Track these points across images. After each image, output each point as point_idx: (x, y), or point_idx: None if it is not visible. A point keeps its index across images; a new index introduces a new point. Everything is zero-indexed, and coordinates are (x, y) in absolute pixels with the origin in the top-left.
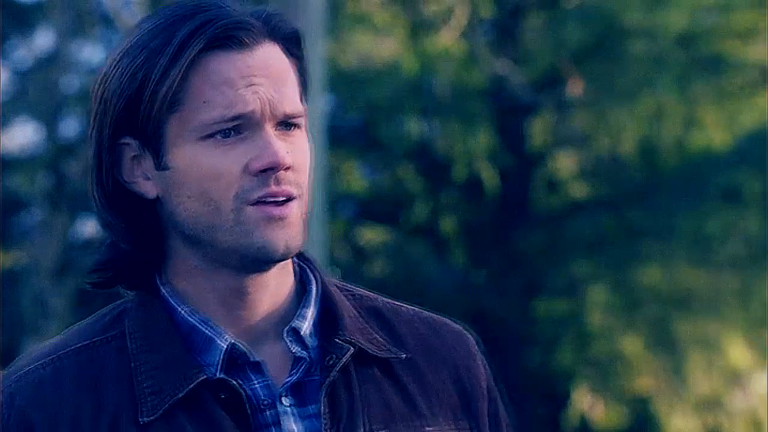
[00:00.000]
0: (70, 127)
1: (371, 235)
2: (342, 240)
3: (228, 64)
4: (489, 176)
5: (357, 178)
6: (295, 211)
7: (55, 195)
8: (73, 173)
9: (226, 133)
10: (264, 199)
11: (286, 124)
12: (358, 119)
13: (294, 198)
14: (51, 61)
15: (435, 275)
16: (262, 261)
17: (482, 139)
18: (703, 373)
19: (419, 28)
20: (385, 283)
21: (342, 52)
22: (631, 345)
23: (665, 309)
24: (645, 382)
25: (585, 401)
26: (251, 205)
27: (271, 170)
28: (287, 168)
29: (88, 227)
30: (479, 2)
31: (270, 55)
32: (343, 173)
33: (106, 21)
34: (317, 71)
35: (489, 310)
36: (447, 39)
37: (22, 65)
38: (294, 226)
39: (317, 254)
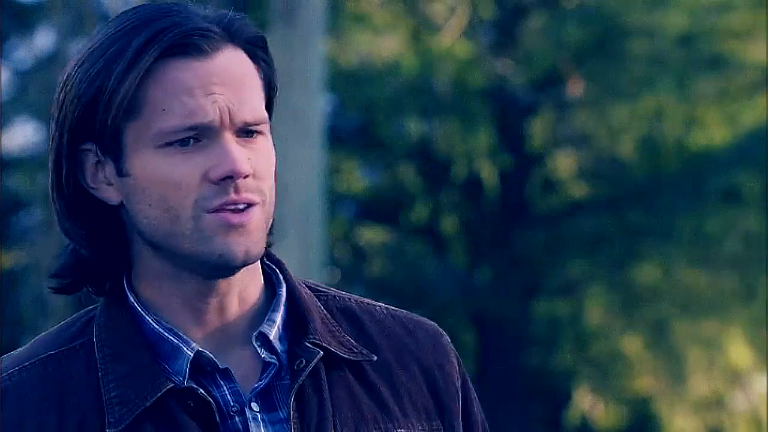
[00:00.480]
0: None
1: (371, 235)
2: (342, 240)
3: (187, 72)
4: (489, 176)
5: (357, 178)
6: (256, 217)
7: None
8: None
9: (184, 142)
10: (223, 207)
11: (247, 131)
12: (358, 119)
13: (255, 205)
14: (51, 61)
15: (435, 275)
16: (222, 268)
17: (482, 138)
18: (704, 373)
19: (420, 28)
20: (385, 283)
21: (342, 52)
22: (631, 345)
23: (665, 309)
24: (645, 382)
25: (586, 401)
26: (210, 212)
27: (230, 178)
28: (247, 176)
29: None
30: (480, 2)
31: (231, 61)
32: (343, 173)
33: (106, 21)
34: (317, 71)
35: (489, 310)
36: (447, 39)
37: (22, 65)
38: (254, 232)
39: (317, 254)
